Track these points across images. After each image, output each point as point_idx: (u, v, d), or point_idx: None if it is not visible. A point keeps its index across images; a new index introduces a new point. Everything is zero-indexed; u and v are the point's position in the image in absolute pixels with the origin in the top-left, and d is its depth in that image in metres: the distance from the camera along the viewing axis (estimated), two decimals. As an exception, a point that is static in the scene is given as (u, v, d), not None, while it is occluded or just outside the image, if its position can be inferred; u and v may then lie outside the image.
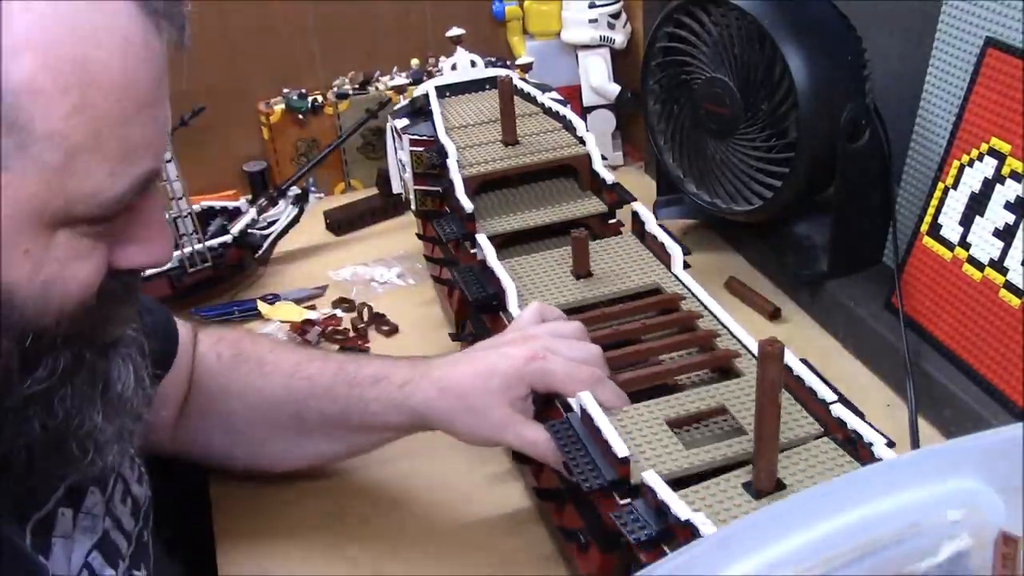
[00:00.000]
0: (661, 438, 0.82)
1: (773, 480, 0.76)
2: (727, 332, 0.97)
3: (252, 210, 1.53)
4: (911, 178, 1.23)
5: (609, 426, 0.79)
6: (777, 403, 0.72)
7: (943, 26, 1.13)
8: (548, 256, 1.13)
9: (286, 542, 1.03)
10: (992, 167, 1.05)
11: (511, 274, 1.06)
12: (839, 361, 1.24)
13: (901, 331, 1.14)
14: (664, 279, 1.07)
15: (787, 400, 0.85)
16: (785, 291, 1.38)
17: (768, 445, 0.74)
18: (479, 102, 1.42)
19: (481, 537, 1.01)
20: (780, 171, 1.22)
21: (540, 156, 1.26)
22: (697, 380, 0.94)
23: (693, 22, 1.27)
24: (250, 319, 1.43)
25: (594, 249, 1.10)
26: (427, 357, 0.97)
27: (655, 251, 1.12)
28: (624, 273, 1.09)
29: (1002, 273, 1.03)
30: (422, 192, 1.31)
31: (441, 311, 1.40)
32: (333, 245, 1.65)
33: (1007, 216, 1.03)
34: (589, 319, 1.00)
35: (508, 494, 1.06)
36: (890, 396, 1.16)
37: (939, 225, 1.12)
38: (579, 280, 1.08)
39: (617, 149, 1.84)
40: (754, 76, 1.21)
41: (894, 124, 1.22)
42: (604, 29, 1.73)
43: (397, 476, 1.09)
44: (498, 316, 1.07)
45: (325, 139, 1.75)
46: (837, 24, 1.21)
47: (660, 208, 1.53)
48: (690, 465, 0.79)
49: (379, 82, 1.79)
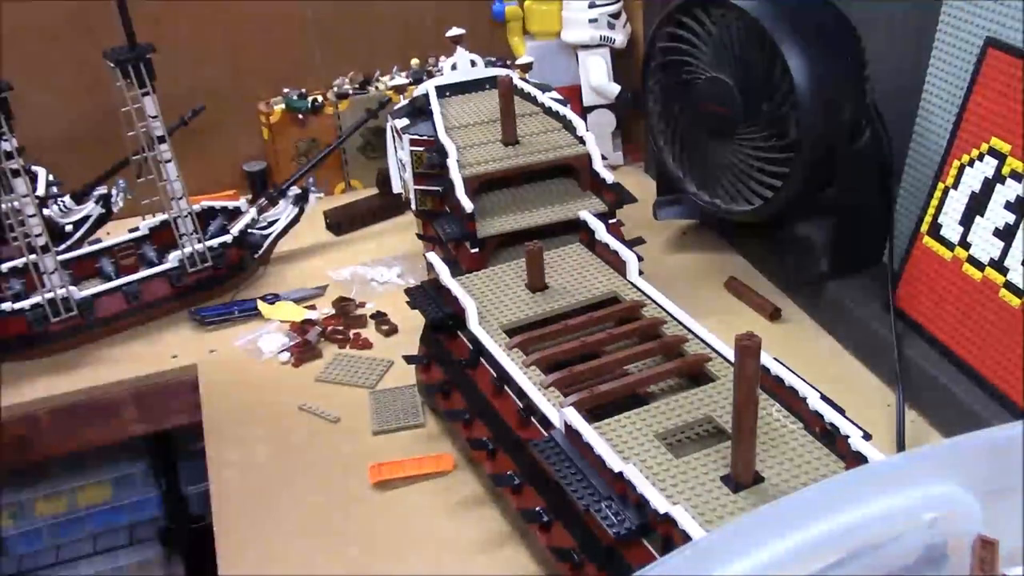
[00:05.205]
0: (649, 449, 0.82)
1: (751, 473, 0.76)
2: (694, 336, 0.97)
3: (252, 210, 1.53)
4: (911, 178, 1.23)
5: (600, 441, 0.80)
6: (755, 398, 0.72)
7: (943, 26, 1.13)
8: (500, 271, 1.12)
9: (286, 542, 1.03)
10: (992, 167, 1.05)
11: (467, 291, 1.05)
12: (839, 361, 1.24)
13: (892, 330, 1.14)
14: (621, 287, 1.07)
15: (763, 395, 0.85)
16: (785, 291, 1.38)
17: (746, 439, 0.74)
18: (479, 102, 1.42)
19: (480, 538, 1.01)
20: (780, 171, 1.22)
21: (540, 156, 1.26)
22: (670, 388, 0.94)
23: (693, 22, 1.27)
24: (250, 319, 1.43)
25: (546, 261, 1.09)
26: None
27: (608, 260, 1.12)
28: (580, 284, 1.08)
29: (1002, 273, 1.03)
30: (422, 192, 1.31)
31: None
32: (333, 245, 1.65)
33: (1007, 216, 1.03)
34: (551, 333, 1.00)
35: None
36: (890, 396, 1.16)
37: (939, 225, 1.12)
38: (535, 293, 1.07)
39: (617, 149, 1.84)
40: (754, 76, 1.21)
41: (894, 124, 1.22)
42: (604, 29, 1.73)
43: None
44: (456, 336, 1.06)
45: (325, 139, 1.75)
46: (837, 24, 1.21)
47: (660, 208, 1.53)
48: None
49: (379, 82, 1.79)
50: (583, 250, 1.15)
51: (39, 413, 1.31)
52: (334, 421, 1.20)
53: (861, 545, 0.52)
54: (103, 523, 1.65)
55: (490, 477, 0.99)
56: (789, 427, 0.83)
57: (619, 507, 0.76)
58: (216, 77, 1.73)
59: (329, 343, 1.36)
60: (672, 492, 0.76)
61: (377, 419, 1.19)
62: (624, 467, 0.77)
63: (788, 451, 0.80)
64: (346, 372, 1.29)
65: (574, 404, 0.86)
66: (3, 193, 1.26)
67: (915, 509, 0.54)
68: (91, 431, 1.35)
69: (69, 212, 1.50)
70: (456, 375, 1.06)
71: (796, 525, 0.52)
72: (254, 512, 1.07)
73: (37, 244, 1.30)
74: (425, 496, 1.08)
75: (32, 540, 1.61)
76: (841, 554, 0.52)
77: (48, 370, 1.35)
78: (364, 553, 1.01)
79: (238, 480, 1.12)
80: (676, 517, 0.71)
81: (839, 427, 0.79)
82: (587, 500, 0.78)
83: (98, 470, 1.61)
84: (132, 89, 1.30)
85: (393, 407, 1.21)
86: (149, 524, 1.69)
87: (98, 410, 1.33)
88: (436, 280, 1.09)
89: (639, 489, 0.74)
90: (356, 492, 1.09)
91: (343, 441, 1.17)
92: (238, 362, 1.34)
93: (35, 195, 1.31)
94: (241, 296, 1.48)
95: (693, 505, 0.75)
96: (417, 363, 1.15)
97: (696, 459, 0.80)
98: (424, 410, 1.20)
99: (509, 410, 0.95)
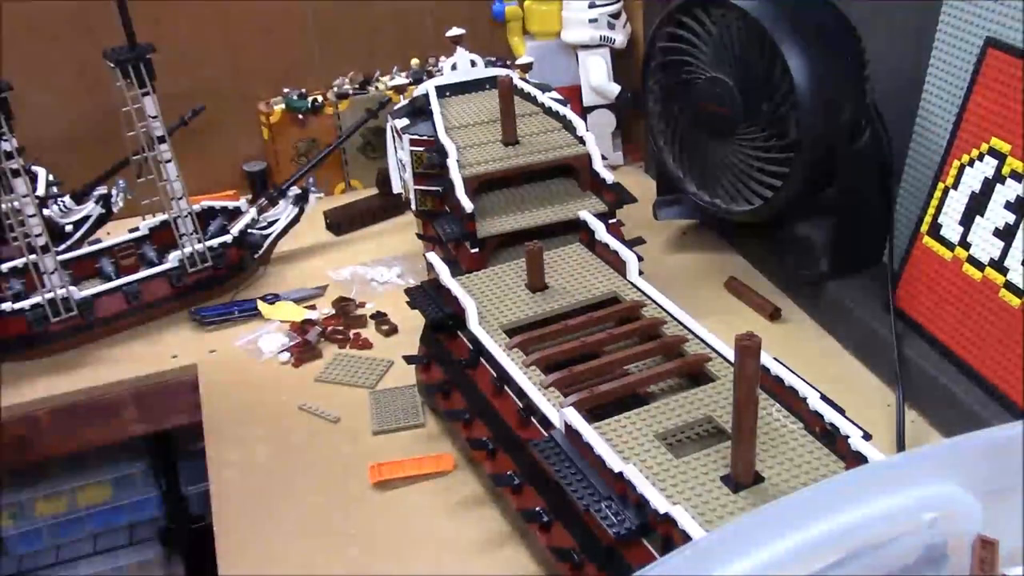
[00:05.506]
0: (649, 449, 0.82)
1: (751, 473, 0.76)
2: (694, 336, 0.97)
3: (252, 210, 1.53)
4: (911, 178, 1.23)
5: (600, 441, 0.80)
6: (755, 398, 0.72)
7: (943, 26, 1.13)
8: (500, 271, 1.12)
9: (286, 542, 1.03)
10: (992, 167, 1.05)
11: (467, 291, 1.05)
12: (839, 361, 1.24)
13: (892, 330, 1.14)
14: (621, 287, 1.07)
15: (764, 395, 0.85)
16: (785, 291, 1.38)
17: (746, 439, 0.75)
18: (479, 102, 1.42)
19: (480, 538, 1.01)
20: (780, 171, 1.22)
21: (540, 156, 1.26)
22: (670, 387, 0.94)
23: (693, 22, 1.27)
24: (250, 319, 1.43)
25: (546, 261, 1.09)
26: None
27: (608, 260, 1.12)
28: (580, 284, 1.08)
29: (1002, 273, 1.03)
30: (422, 192, 1.31)
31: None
32: (333, 245, 1.65)
33: (1007, 216, 1.03)
34: (551, 333, 1.00)
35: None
36: (890, 396, 1.16)
37: (939, 225, 1.12)
38: (535, 293, 1.07)
39: (617, 149, 1.84)
40: (754, 76, 1.21)
41: (894, 124, 1.22)
42: (604, 29, 1.73)
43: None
44: (456, 336, 1.06)
45: (325, 139, 1.75)
46: (837, 24, 1.21)
47: (660, 208, 1.53)
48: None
49: (379, 82, 1.79)
50: (583, 250, 1.15)
51: (39, 413, 1.31)
52: (334, 421, 1.20)
53: (861, 545, 0.52)
54: (103, 523, 1.65)
55: (490, 477, 0.99)
56: (789, 427, 0.83)
57: (619, 507, 0.76)
58: (216, 77, 1.73)
59: (329, 343, 1.36)
60: (672, 492, 0.76)
61: (377, 419, 1.19)
62: (624, 467, 0.77)
63: (788, 451, 0.80)
64: (346, 372, 1.29)
65: (574, 404, 0.86)
66: (3, 193, 1.26)
67: (915, 509, 0.54)
68: (91, 431, 1.35)
69: (69, 212, 1.50)
70: (456, 375, 1.06)
71: (796, 525, 0.52)
72: (254, 512, 1.07)
73: (37, 244, 1.30)
74: (425, 496, 1.08)
75: (32, 540, 1.61)
76: (841, 554, 0.52)
77: (48, 370, 1.35)
78: (364, 553, 1.01)
79: (238, 480, 1.12)
80: (676, 517, 0.71)
81: (839, 427, 0.79)
82: (587, 500, 0.78)
83: (98, 470, 1.61)
84: (132, 89, 1.30)
85: (393, 407, 1.21)
86: (149, 524, 1.69)
87: (98, 410, 1.33)
88: (436, 280, 1.09)
89: (639, 489, 0.74)
90: (356, 492, 1.09)
91: (343, 441, 1.17)
92: (238, 362, 1.34)
93: (35, 195, 1.31)
94: (241, 296, 1.48)
95: (693, 505, 0.75)
96: (417, 363, 1.15)
97: (696, 459, 0.80)
98: (424, 410, 1.20)
99: (509, 410, 0.95)
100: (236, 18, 1.71)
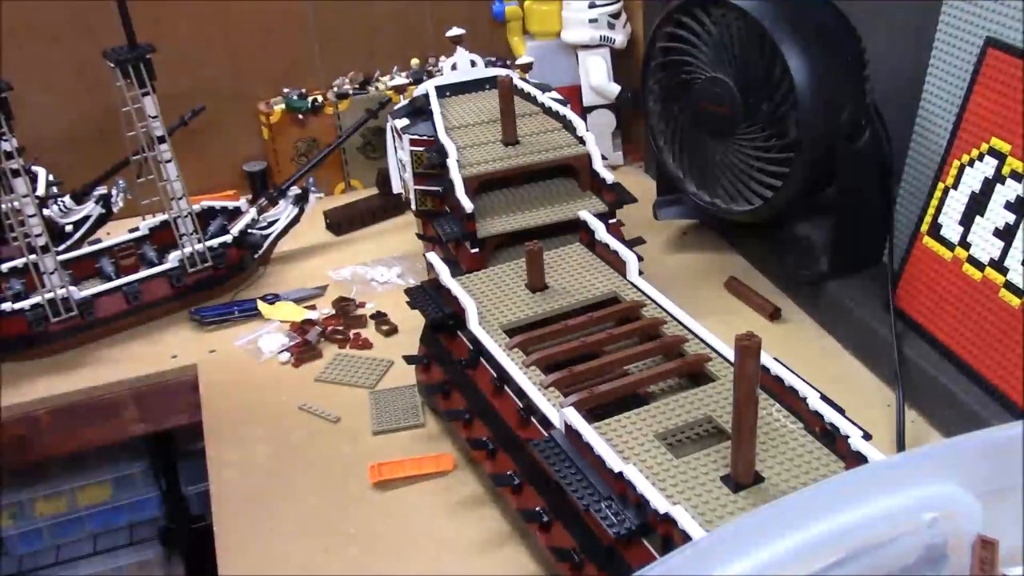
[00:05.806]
0: (649, 449, 0.82)
1: (751, 473, 0.76)
2: (694, 336, 0.97)
3: (252, 210, 1.53)
4: (911, 178, 1.23)
5: (600, 441, 0.80)
6: (755, 397, 0.72)
7: (943, 26, 1.13)
8: (500, 271, 1.12)
9: (286, 542, 1.03)
10: (992, 167, 1.05)
11: (467, 291, 1.05)
12: (839, 361, 1.24)
13: (892, 330, 1.14)
14: (621, 287, 1.07)
15: (764, 395, 0.85)
16: (785, 291, 1.38)
17: (746, 439, 0.74)
18: (479, 102, 1.42)
19: (480, 538, 1.01)
20: (780, 171, 1.22)
21: (540, 156, 1.26)
22: (670, 387, 0.94)
23: (693, 22, 1.27)
24: (250, 319, 1.43)
25: (546, 261, 1.09)
26: None
27: (608, 260, 1.12)
28: (580, 284, 1.08)
29: (1002, 273, 1.03)
30: (422, 192, 1.32)
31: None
32: (333, 245, 1.65)
33: (1007, 216, 1.03)
34: (551, 333, 1.00)
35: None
36: (890, 396, 1.16)
37: (939, 225, 1.12)
38: (535, 293, 1.07)
39: (617, 149, 1.84)
40: (754, 76, 1.21)
41: (894, 124, 1.22)
42: (604, 29, 1.73)
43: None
44: (456, 336, 1.06)
45: (325, 139, 1.75)
46: (837, 24, 1.21)
47: (660, 208, 1.53)
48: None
49: (379, 82, 1.79)
50: (583, 250, 1.15)
51: (39, 413, 1.31)
52: (334, 421, 1.20)
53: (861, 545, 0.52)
54: (103, 523, 1.65)
55: (490, 477, 0.99)
56: (789, 427, 0.83)
57: (619, 507, 0.76)
58: (216, 77, 1.73)
59: (329, 343, 1.36)
60: (672, 492, 0.76)
61: (377, 419, 1.19)
62: (624, 467, 0.77)
63: (788, 451, 0.80)
64: (346, 372, 1.29)
65: (574, 404, 0.86)
66: (3, 193, 1.26)
67: (915, 509, 0.54)
68: (91, 431, 1.35)
69: (69, 212, 1.50)
70: (456, 375, 1.06)
71: (796, 525, 0.52)
72: (254, 512, 1.07)
73: (37, 244, 1.30)
74: (425, 496, 1.08)
75: (32, 540, 1.61)
76: (841, 554, 0.52)
77: (48, 370, 1.35)
78: (364, 553, 1.01)
79: (238, 480, 1.12)
80: (676, 517, 0.71)
81: (839, 427, 0.79)
82: (587, 500, 0.78)
83: (98, 470, 1.62)
84: (132, 89, 1.30)
85: (393, 407, 1.21)
86: (149, 524, 1.69)
87: (98, 410, 1.33)
88: (436, 280, 1.09)
89: (639, 489, 0.74)
90: (356, 492, 1.09)
91: (343, 441, 1.17)
92: (238, 362, 1.34)
93: (35, 195, 1.31)
94: (241, 296, 1.49)
95: (693, 505, 0.75)
96: (417, 363, 1.15)
97: (696, 459, 0.80)
98: (424, 410, 1.20)
99: (509, 410, 0.95)
100: (236, 18, 1.71)
